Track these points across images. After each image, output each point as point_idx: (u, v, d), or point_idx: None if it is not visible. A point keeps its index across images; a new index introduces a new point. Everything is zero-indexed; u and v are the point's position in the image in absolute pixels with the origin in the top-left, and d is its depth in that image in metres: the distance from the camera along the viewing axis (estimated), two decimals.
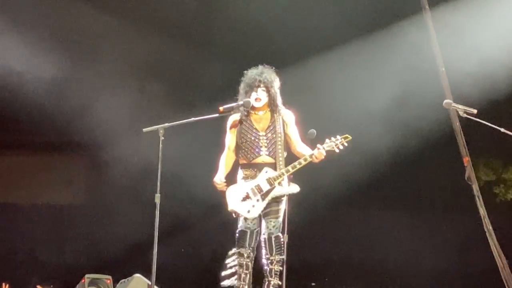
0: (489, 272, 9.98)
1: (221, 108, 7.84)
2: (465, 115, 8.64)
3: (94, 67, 15.45)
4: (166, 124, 7.59)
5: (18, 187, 18.43)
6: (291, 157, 8.02)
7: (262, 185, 7.81)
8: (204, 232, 18.09)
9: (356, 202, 15.77)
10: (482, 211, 9.62)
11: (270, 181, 7.81)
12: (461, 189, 9.72)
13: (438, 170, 14.80)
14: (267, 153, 7.86)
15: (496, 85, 13.48)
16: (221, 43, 14.87)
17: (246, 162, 7.96)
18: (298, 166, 7.87)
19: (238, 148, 8.03)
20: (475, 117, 8.49)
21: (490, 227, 9.53)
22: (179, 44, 15.21)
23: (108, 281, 9.08)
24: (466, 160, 9.83)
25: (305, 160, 7.87)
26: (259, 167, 7.88)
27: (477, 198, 9.82)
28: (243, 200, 7.83)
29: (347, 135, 7.96)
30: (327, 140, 7.94)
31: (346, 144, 7.96)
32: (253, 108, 8.02)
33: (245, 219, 7.92)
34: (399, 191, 16.95)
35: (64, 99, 15.60)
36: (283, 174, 7.86)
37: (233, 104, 7.90)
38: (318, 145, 7.88)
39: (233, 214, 7.91)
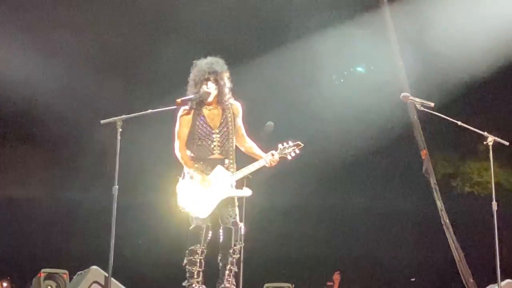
0: (446, 264, 10.04)
1: (178, 100, 7.70)
2: (422, 108, 8.66)
3: (50, 60, 15.32)
4: (124, 116, 7.47)
5: None
6: (237, 151, 7.94)
7: (216, 184, 7.72)
8: (163, 225, 18.12)
9: (317, 195, 15.86)
10: (440, 204, 9.68)
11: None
12: (419, 182, 9.76)
13: (396, 162, 14.88)
14: (219, 151, 7.78)
15: (452, 80, 13.62)
16: (179, 33, 14.83)
17: (196, 157, 7.87)
18: (252, 169, 7.82)
19: (189, 142, 7.87)
20: (433, 110, 8.51)
21: (447, 220, 9.59)
22: (134, 35, 15.16)
23: (65, 275, 9.02)
24: (424, 153, 9.88)
25: (259, 164, 7.82)
26: (210, 163, 7.80)
27: (434, 191, 9.87)
28: (195, 198, 7.73)
29: (298, 142, 7.90)
30: (280, 146, 7.87)
31: (298, 152, 7.90)
32: (202, 102, 7.93)
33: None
34: (358, 184, 17.07)
35: (19, 92, 15.43)
36: (235, 175, 7.79)
37: (191, 96, 7.76)
38: (272, 152, 7.83)
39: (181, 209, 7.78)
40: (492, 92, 16.21)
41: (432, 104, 8.47)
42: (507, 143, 8.36)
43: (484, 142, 8.19)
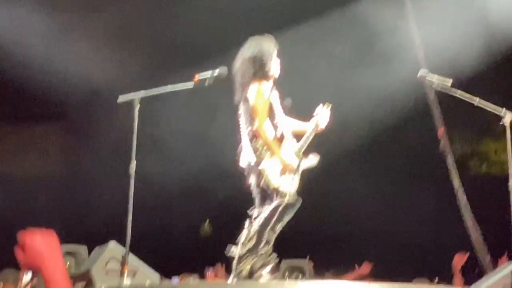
0: (462, 244, 10.05)
1: (196, 76, 7.65)
2: (439, 88, 8.65)
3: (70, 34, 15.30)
4: (141, 93, 7.49)
5: None
6: None
7: (293, 158, 7.70)
8: (181, 202, 18.20)
9: (333, 172, 15.89)
10: (457, 182, 9.68)
11: (298, 154, 7.72)
12: (436, 161, 9.78)
13: (414, 140, 14.86)
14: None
15: (471, 58, 13.58)
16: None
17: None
18: (311, 138, 7.86)
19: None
20: (450, 88, 8.48)
21: (465, 199, 9.60)
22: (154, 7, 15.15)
23: (83, 251, 9.07)
24: (441, 131, 9.85)
25: (313, 130, 7.86)
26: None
27: (451, 170, 9.87)
28: (284, 175, 7.61)
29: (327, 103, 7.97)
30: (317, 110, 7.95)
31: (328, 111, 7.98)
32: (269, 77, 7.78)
33: (286, 195, 7.57)
34: (376, 162, 17.09)
35: (38, 68, 15.45)
36: (302, 146, 7.79)
37: (209, 72, 7.69)
38: (315, 116, 7.88)
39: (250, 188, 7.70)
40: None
41: (450, 81, 8.44)
42: None
43: (501, 123, 8.18)
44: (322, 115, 8.02)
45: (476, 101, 8.34)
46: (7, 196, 17.06)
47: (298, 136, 7.89)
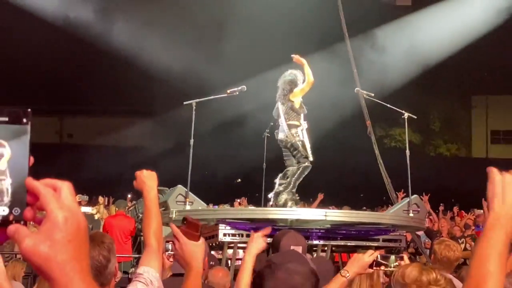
0: (381, 187, 9.91)
1: (228, 91, 7.60)
2: (367, 97, 8.73)
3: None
4: (197, 100, 7.41)
5: None
6: None
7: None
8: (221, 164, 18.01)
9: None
10: (377, 152, 9.62)
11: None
12: (366, 139, 9.69)
13: (354, 127, 14.81)
14: None
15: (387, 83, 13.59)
16: None
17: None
18: None
19: None
20: (373, 98, 8.62)
21: (381, 161, 9.55)
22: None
23: (166, 190, 9.02)
24: (368, 123, 9.81)
25: None
26: None
27: (374, 145, 9.81)
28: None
29: None
30: None
31: None
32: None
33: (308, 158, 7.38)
34: (331, 140, 16.96)
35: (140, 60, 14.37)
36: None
37: (236, 88, 7.61)
38: None
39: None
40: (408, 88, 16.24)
41: (373, 94, 8.54)
42: (415, 117, 8.42)
43: (402, 116, 8.23)
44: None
45: (388, 105, 8.39)
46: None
47: None
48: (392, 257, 2.74)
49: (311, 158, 7.35)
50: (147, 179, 2.36)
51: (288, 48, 9.04)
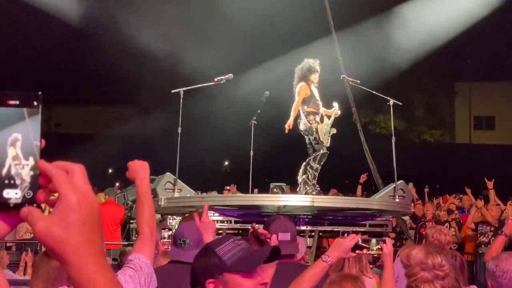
0: (366, 171, 9.91)
1: (216, 79, 7.59)
2: (352, 84, 8.72)
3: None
4: (185, 88, 7.36)
5: None
6: None
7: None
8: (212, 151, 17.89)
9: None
10: (362, 138, 9.66)
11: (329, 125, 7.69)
12: (352, 125, 9.70)
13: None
14: None
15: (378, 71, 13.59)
16: None
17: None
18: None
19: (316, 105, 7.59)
20: (358, 84, 8.62)
21: (366, 147, 9.58)
22: None
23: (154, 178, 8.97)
24: (354, 109, 9.83)
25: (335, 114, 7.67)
26: None
27: (359, 131, 9.84)
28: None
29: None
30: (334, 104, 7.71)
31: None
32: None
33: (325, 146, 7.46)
34: None
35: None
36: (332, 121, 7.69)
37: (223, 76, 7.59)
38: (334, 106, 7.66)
39: None
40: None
41: (359, 81, 8.53)
42: (400, 103, 8.43)
43: (387, 103, 8.22)
44: (337, 106, 7.81)
45: (374, 92, 8.38)
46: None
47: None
48: (373, 240, 2.74)
49: (326, 144, 7.38)
50: (140, 168, 2.37)
51: (276, 37, 8.98)
